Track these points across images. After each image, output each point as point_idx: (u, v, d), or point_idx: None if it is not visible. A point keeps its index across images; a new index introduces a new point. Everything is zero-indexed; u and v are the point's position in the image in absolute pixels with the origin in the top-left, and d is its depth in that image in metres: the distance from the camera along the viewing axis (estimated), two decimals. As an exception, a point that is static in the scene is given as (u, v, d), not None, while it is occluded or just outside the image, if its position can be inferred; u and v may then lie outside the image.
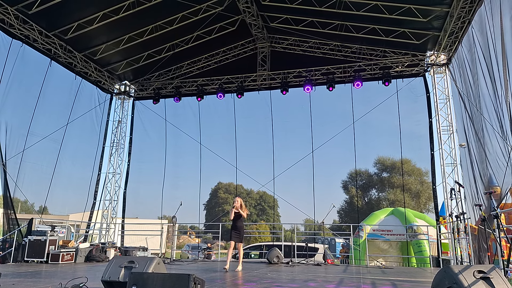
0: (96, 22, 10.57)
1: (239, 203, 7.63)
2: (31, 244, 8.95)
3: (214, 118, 14.43)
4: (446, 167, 11.16)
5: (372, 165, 26.55)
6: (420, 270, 9.65)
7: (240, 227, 7.52)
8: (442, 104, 11.69)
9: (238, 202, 7.65)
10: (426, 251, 13.01)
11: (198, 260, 11.61)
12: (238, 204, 7.61)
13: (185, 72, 13.90)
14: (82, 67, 12.24)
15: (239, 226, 7.51)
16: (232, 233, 7.48)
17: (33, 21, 10.19)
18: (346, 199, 28.53)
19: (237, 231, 7.49)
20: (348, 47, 12.53)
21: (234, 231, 7.48)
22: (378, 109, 12.43)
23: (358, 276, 7.31)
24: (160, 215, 14.61)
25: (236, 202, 7.67)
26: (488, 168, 8.75)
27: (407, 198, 24.46)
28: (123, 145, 14.19)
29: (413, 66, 12.28)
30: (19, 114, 10.64)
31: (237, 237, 7.47)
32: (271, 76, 13.16)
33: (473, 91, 9.61)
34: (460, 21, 9.90)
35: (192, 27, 11.83)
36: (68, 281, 5.01)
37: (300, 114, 13.55)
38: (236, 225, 7.51)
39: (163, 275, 4.01)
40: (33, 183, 11.14)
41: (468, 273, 3.71)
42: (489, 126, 8.61)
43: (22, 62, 10.34)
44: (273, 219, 20.23)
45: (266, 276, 6.68)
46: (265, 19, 12.19)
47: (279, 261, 9.79)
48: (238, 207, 7.58)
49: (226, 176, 18.04)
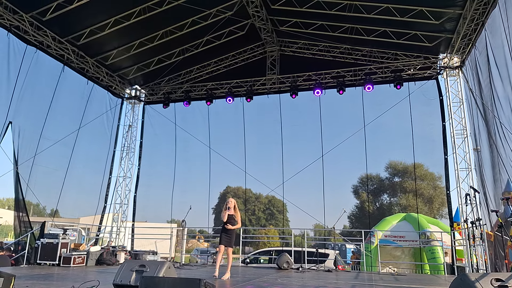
0: (108, 28, 10.74)
1: (233, 204, 7.03)
2: (44, 247, 9.05)
3: (223, 122, 14.45)
4: (460, 172, 10.91)
5: (384, 170, 26.15)
6: (434, 278, 9.41)
7: (232, 231, 6.95)
8: (456, 108, 11.47)
9: (232, 203, 7.05)
10: (440, 258, 12.69)
11: (207, 265, 11.56)
12: (232, 205, 7.02)
13: (195, 77, 13.98)
14: (94, 72, 12.43)
15: (230, 230, 6.93)
16: (223, 237, 6.87)
17: (47, 28, 10.41)
18: (357, 204, 28.16)
19: (228, 234, 6.90)
20: (358, 50, 12.43)
21: (225, 235, 6.88)
22: (390, 113, 12.24)
23: (370, 283, 7.15)
24: (169, 219, 14.66)
25: (229, 202, 7.03)
26: (502, 174, 8.54)
27: (419, 203, 23.99)
28: (134, 149, 14.33)
29: (425, 69, 12.08)
30: (32, 118, 10.83)
31: (227, 241, 6.90)
32: (281, 79, 13.13)
33: (485, 94, 9.42)
34: (473, 23, 9.72)
35: (202, 32, 11.91)
36: (80, 284, 5.02)
37: (310, 118, 13.43)
38: (228, 229, 6.92)
39: (174, 280, 3.99)
40: (45, 187, 11.31)
41: (486, 281, 3.63)
42: (502, 130, 8.41)
43: (36, 68, 10.57)
44: (282, 224, 20.07)
45: (276, 282, 6.59)
46: (275, 23, 12.20)
47: (289, 267, 9.66)
48: (232, 208, 7.01)
49: (235, 180, 17.97)
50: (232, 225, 6.95)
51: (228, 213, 6.94)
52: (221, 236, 6.93)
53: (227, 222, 6.93)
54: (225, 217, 6.93)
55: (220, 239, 6.94)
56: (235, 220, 7.00)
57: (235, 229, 7.02)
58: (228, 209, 6.97)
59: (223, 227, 6.98)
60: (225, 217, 6.93)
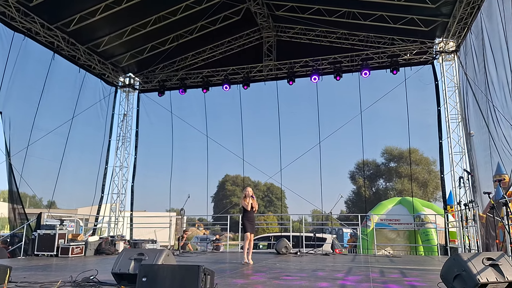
0: (98, 14, 10.44)
1: (251, 193, 7.37)
2: (41, 238, 9.03)
3: (220, 110, 14.34)
4: (455, 156, 11.02)
5: (380, 155, 26.33)
6: (428, 259, 9.62)
7: (254, 218, 7.43)
8: (451, 92, 11.47)
9: (251, 191, 7.40)
10: (433, 239, 12.96)
11: (207, 252, 11.67)
12: (251, 193, 7.36)
13: (190, 64, 13.76)
14: (85, 60, 12.17)
15: (253, 217, 7.38)
16: (248, 225, 7.19)
17: (35, 14, 10.09)
18: (354, 190, 28.44)
19: (252, 222, 7.30)
20: (355, 35, 12.29)
21: (249, 222, 7.23)
22: (386, 98, 12.25)
23: (366, 265, 7.29)
24: (168, 208, 14.68)
25: (250, 191, 7.36)
26: (493, 157, 8.66)
27: (414, 187, 24.31)
28: (129, 138, 14.18)
29: (421, 54, 12.02)
30: (23, 108, 10.60)
31: (253, 228, 7.36)
32: (278, 66, 12.98)
33: (479, 79, 9.43)
34: (469, 7, 9.63)
35: (196, 17, 11.65)
36: (78, 273, 5.04)
37: (307, 104, 13.39)
38: (252, 216, 7.33)
39: (173, 267, 4.00)
40: (40, 178, 11.18)
41: (477, 261, 3.73)
42: (495, 114, 8.47)
43: (24, 56, 10.26)
44: (281, 210, 20.25)
45: (275, 266, 6.68)
46: (270, 7, 11.96)
47: (287, 252, 9.79)
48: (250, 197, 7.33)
49: (233, 168, 18.01)
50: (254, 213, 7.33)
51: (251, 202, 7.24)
52: (247, 224, 7.18)
53: (251, 210, 7.24)
54: (249, 206, 7.22)
55: (246, 227, 7.18)
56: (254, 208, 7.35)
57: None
58: (252, 198, 7.29)
59: (247, 215, 7.23)
60: (249, 206, 7.22)
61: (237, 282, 4.72)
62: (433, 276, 5.39)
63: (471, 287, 3.58)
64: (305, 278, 5.17)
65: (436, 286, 4.30)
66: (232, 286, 4.39)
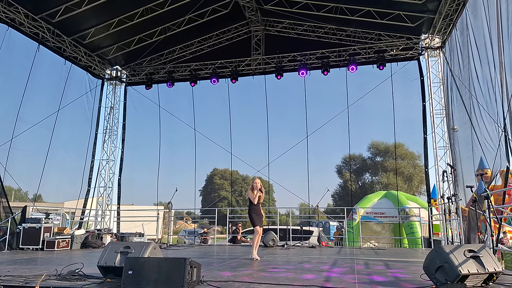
0: (84, 5, 10.22)
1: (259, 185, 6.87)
2: (26, 232, 8.92)
3: (208, 103, 14.31)
4: (439, 150, 11.29)
5: (366, 150, 26.78)
6: (411, 251, 9.87)
7: (261, 211, 6.90)
8: (436, 88, 11.71)
9: (260, 184, 6.90)
10: (417, 232, 13.29)
11: (195, 245, 11.72)
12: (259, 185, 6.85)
13: (178, 57, 13.64)
14: (71, 52, 11.93)
15: (260, 210, 6.88)
16: (256, 218, 6.72)
17: (19, 4, 9.82)
18: (340, 183, 28.88)
19: (259, 215, 6.80)
20: (343, 30, 12.37)
21: (257, 215, 6.76)
22: (373, 94, 12.43)
23: (351, 257, 7.45)
24: (156, 202, 14.64)
25: (259, 184, 6.85)
26: (476, 152, 8.86)
27: (399, 181, 24.82)
28: (116, 131, 14.04)
29: (407, 50, 12.20)
30: (6, 100, 10.41)
31: (261, 221, 6.84)
32: (266, 60, 12.99)
33: (463, 75, 9.63)
34: (455, 3, 9.80)
35: (183, 10, 11.53)
36: (64, 267, 5.02)
37: (295, 99, 13.48)
38: (259, 209, 6.84)
39: (159, 260, 4.03)
40: (26, 171, 11.01)
41: (459, 253, 3.82)
42: (478, 109, 8.68)
43: (8, 47, 10.00)
44: (268, 204, 20.42)
45: (262, 258, 6.77)
46: (259, 1, 11.92)
47: (274, 244, 9.92)
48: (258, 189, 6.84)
49: (221, 162, 18.01)
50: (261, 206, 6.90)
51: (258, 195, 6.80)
52: (255, 218, 6.72)
53: (258, 203, 6.81)
54: (256, 199, 6.77)
55: (255, 221, 6.71)
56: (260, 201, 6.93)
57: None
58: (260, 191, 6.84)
59: (253, 208, 6.77)
60: (256, 199, 6.76)
61: (224, 275, 4.79)
62: (416, 267, 5.50)
63: (453, 278, 3.64)
64: (291, 270, 5.27)
65: (419, 277, 4.37)
66: (219, 278, 4.45)
